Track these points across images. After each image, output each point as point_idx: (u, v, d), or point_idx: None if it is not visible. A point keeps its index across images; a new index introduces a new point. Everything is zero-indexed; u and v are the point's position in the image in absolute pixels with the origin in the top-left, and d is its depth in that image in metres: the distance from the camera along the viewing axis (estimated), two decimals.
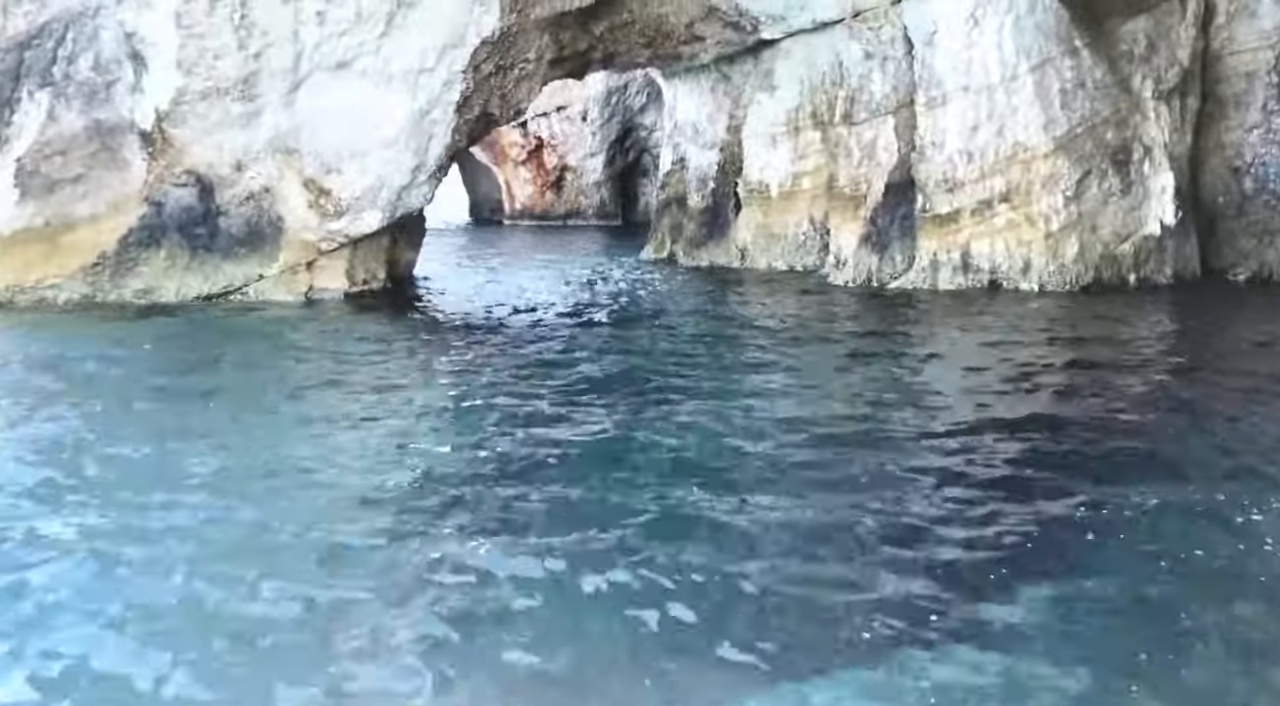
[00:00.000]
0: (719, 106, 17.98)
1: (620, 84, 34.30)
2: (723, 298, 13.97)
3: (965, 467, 5.77)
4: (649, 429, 6.59)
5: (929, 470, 5.71)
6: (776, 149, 16.72)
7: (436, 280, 15.47)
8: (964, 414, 7.10)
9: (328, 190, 11.91)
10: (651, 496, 5.26)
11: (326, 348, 9.61)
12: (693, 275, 16.68)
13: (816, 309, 12.62)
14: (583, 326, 11.04)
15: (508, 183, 36.23)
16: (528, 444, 6.24)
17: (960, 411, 7.19)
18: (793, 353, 9.43)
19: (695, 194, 18.41)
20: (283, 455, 6.05)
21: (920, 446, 6.23)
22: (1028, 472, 5.69)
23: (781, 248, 16.54)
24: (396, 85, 12.22)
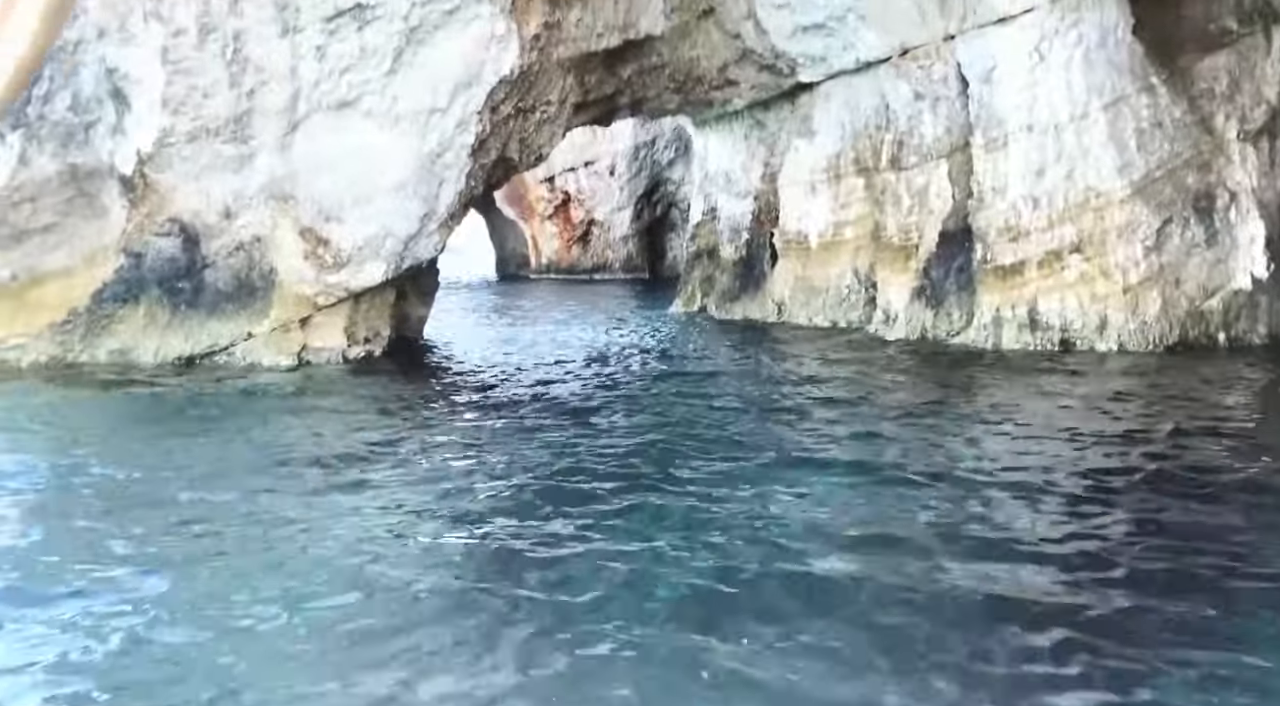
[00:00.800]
0: (752, 154, 16.62)
1: (648, 138, 33.24)
2: (761, 356, 12.42)
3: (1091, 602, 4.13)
4: (675, 537, 5.03)
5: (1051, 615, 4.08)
6: (816, 197, 15.28)
7: (451, 338, 14.07)
8: (1077, 507, 5.47)
9: (326, 240, 10.57)
10: (669, 651, 3.69)
11: (297, 429, 8.14)
12: (726, 330, 15.16)
13: (869, 371, 11.03)
14: (605, 393, 9.54)
15: (534, 237, 35.10)
16: (519, 567, 4.69)
17: (1069, 500, 5.56)
18: (850, 428, 7.84)
19: (728, 245, 16.98)
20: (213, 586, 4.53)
21: (1021, 560, 4.61)
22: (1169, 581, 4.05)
23: (822, 301, 15.00)
24: (405, 126, 10.94)
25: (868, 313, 14.29)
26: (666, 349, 12.98)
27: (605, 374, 10.74)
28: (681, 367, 11.33)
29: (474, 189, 11.88)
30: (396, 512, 5.59)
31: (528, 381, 10.07)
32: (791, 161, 15.72)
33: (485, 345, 13.47)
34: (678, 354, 12.53)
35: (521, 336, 14.82)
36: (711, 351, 12.69)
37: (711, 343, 13.62)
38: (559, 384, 9.97)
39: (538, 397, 9.15)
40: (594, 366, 11.33)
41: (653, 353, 12.53)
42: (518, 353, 12.55)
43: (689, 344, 13.39)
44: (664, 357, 12.11)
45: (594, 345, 13.35)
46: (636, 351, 12.68)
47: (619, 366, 11.36)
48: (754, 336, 14.22)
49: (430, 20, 10.94)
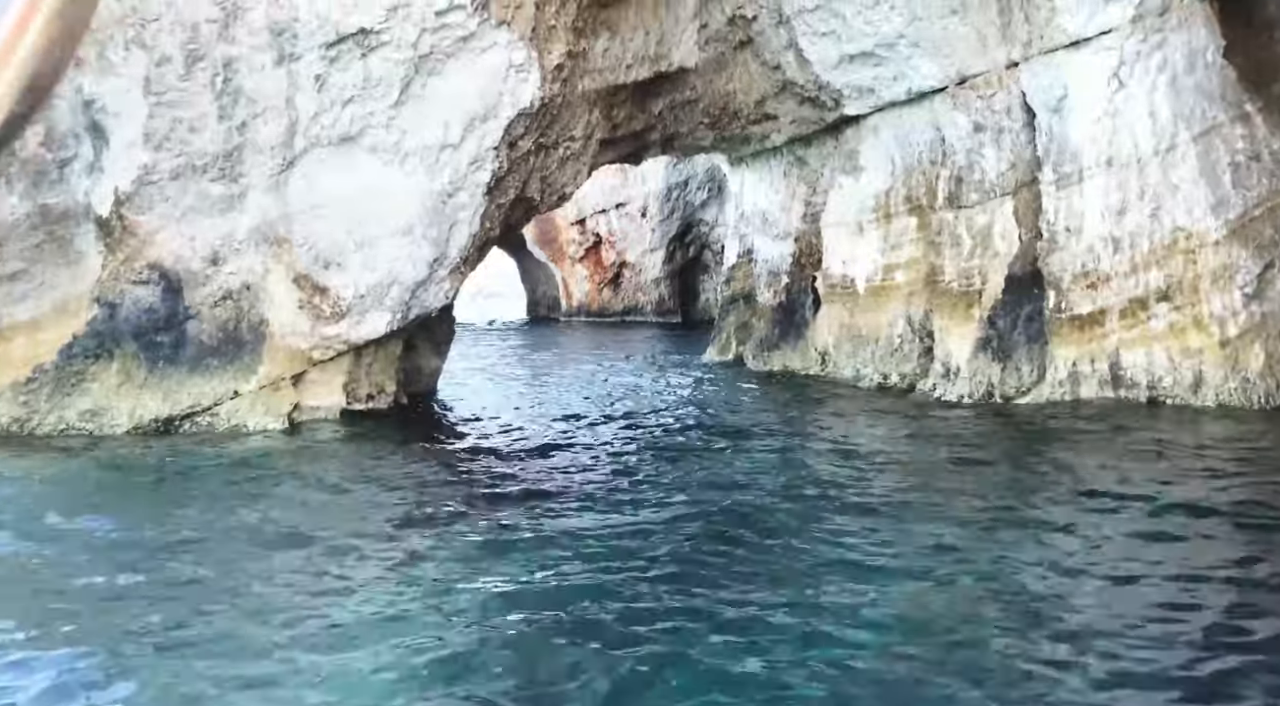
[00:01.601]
0: (793, 193, 15.28)
1: (681, 179, 32.10)
2: (804, 416, 10.95)
3: None
4: (701, 672, 3.60)
5: None
6: (863, 238, 13.87)
7: (468, 392, 12.75)
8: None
9: (324, 288, 9.33)
10: None
11: (276, 512, 6.80)
12: (764, 383, 13.70)
13: (932, 435, 9.54)
14: (629, 460, 8.14)
15: (565, 279, 33.95)
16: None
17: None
18: (911, 530, 6.35)
19: (766, 289, 15.57)
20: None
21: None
22: None
23: (871, 352, 13.52)
24: (413, 164, 9.72)
25: (923, 365, 12.78)
26: (700, 409, 11.53)
27: (631, 441, 9.32)
28: (716, 436, 9.87)
29: (490, 231, 10.61)
30: (386, 646, 4.19)
31: (545, 453, 8.67)
32: (836, 200, 14.34)
33: (503, 401, 12.11)
34: (712, 417, 11.07)
35: (543, 390, 13.48)
36: (748, 412, 11.22)
37: (749, 400, 12.17)
38: (578, 453, 8.57)
39: (553, 474, 7.74)
40: (618, 432, 9.92)
41: (685, 415, 11.10)
42: (537, 412, 11.17)
43: (724, 402, 11.94)
44: (697, 423, 10.67)
45: (620, 403, 11.96)
46: (667, 411, 11.26)
47: (646, 433, 9.94)
48: (795, 393, 12.74)
49: (442, 48, 9.76)
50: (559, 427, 10.04)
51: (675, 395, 12.53)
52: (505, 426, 10.08)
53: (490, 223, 10.55)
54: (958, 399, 11.26)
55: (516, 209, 11.25)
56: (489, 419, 10.64)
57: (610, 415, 10.87)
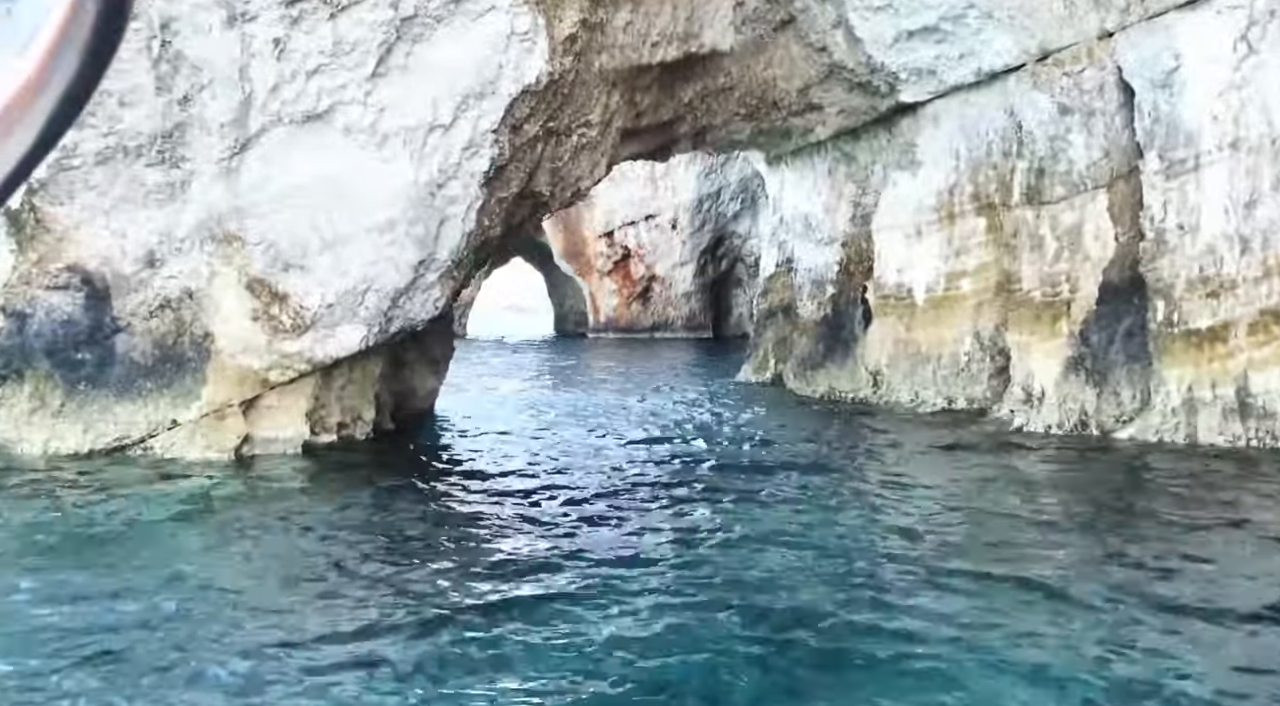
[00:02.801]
0: (839, 192, 13.33)
1: (713, 190, 30.23)
2: (858, 453, 8.98)
3: None
4: None
5: None
6: (922, 242, 11.89)
7: (474, 415, 10.92)
8: None
9: (284, 295, 7.56)
10: None
11: (190, 585, 4.97)
12: (808, 409, 11.73)
13: (1019, 480, 7.53)
14: (650, 521, 6.26)
15: (592, 294, 32.16)
16: None
17: None
18: (1024, 601, 4.37)
19: (808, 301, 13.61)
20: None
21: None
22: None
23: (932, 372, 11.51)
24: (394, 148, 7.93)
25: (995, 388, 10.76)
26: (734, 445, 9.57)
27: (655, 484, 7.41)
28: (754, 481, 7.93)
29: (489, 230, 8.78)
30: None
31: (549, 503, 6.77)
32: (889, 200, 12.38)
33: (512, 427, 10.24)
34: (748, 456, 9.11)
35: (560, 407, 11.62)
36: (790, 447, 9.24)
37: (790, 431, 10.18)
38: (589, 505, 6.67)
39: (557, 541, 5.84)
40: (640, 470, 8.01)
41: (717, 452, 9.15)
42: (545, 445, 9.28)
43: (762, 436, 9.95)
44: (732, 462, 8.73)
45: (643, 430, 10.05)
46: (695, 445, 9.33)
47: (671, 471, 8.02)
48: (845, 420, 10.74)
49: (429, 9, 7.97)
50: (568, 462, 8.15)
51: (705, 425, 10.59)
52: (504, 464, 8.20)
53: (489, 220, 8.73)
54: (1045, 429, 9.23)
55: (522, 205, 9.43)
56: (487, 451, 8.77)
57: (628, 451, 8.97)
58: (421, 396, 10.08)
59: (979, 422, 10.09)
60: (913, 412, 11.08)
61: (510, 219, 9.40)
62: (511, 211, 9.26)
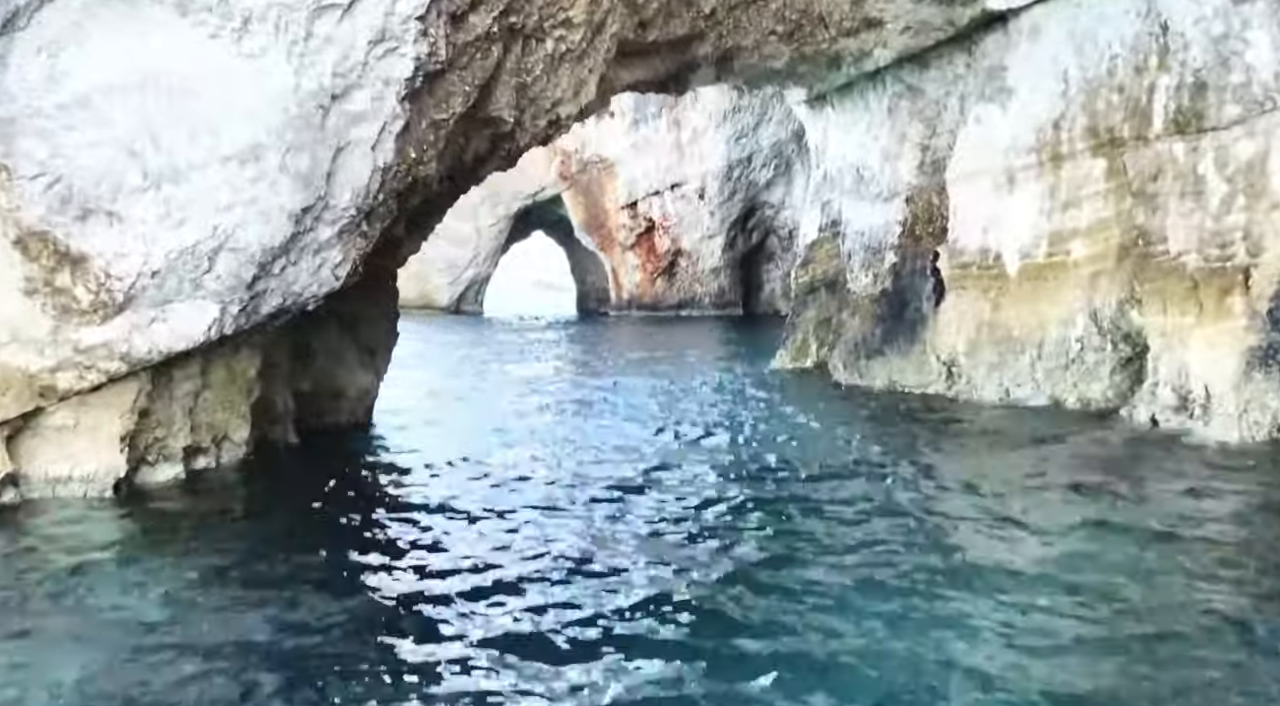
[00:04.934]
0: (902, 135, 10.25)
1: (744, 156, 27.08)
2: (946, 484, 6.01)
3: None
4: None
5: None
6: (1014, 194, 8.82)
7: (436, 422, 8.11)
8: None
9: (79, 257, 4.80)
10: None
11: None
12: (861, 407, 8.77)
13: (1201, 541, 4.61)
14: (641, 606, 3.46)
15: (615, 269, 29.21)
16: None
17: None
18: None
19: (861, 273, 10.58)
20: None
21: None
22: None
23: (1029, 364, 8.48)
24: (261, 37, 5.09)
25: (1119, 385, 7.71)
26: (767, 447, 6.67)
27: (648, 553, 4.54)
28: (800, 513, 5.03)
29: (419, 167, 5.88)
30: None
31: (501, 580, 3.94)
32: (969, 141, 9.31)
33: (476, 441, 7.39)
34: (787, 465, 6.21)
35: (551, 404, 8.80)
36: (839, 463, 6.27)
37: (840, 441, 7.20)
38: (559, 584, 3.85)
39: (508, 645, 3.02)
40: (646, 517, 5.15)
41: (746, 472, 6.20)
42: (517, 467, 6.42)
43: (800, 450, 6.99)
44: (754, 502, 5.79)
45: (653, 449, 7.15)
46: (722, 462, 6.43)
47: (686, 510, 5.16)
48: (911, 426, 7.75)
49: None
50: (545, 498, 5.34)
51: (733, 431, 7.69)
52: (453, 503, 5.37)
53: (419, 153, 5.83)
54: (1218, 444, 6.22)
55: (475, 136, 6.51)
56: (436, 480, 5.95)
57: (634, 466, 6.13)
58: (350, 399, 7.28)
59: (1103, 430, 7.09)
60: (1011, 416, 8.10)
61: (459, 155, 6.49)
62: (458, 144, 6.36)
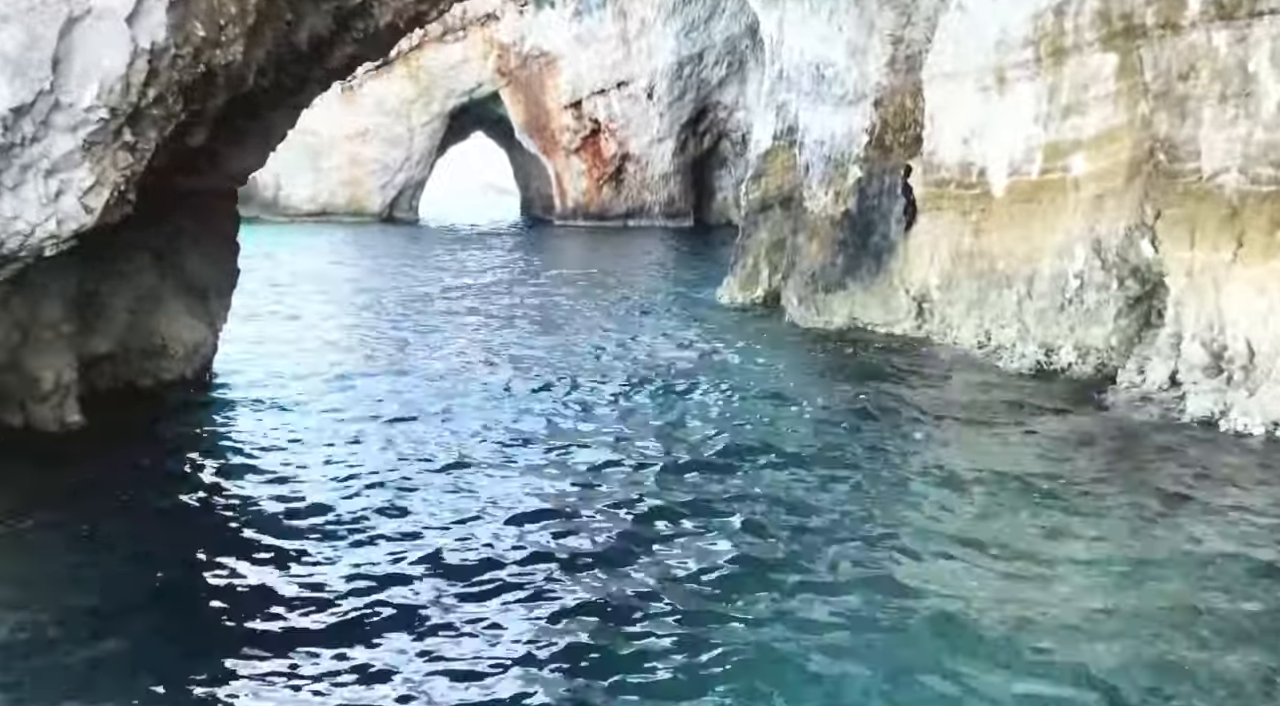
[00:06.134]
0: (870, 25, 8.49)
1: (695, 51, 24.81)
2: (922, 507, 4.62)
3: None
4: None
5: None
6: (1004, 97, 7.22)
7: (292, 381, 6.48)
8: None
9: None
10: None
11: None
12: (817, 353, 7.36)
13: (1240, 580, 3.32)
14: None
15: (558, 175, 27.07)
16: None
17: None
18: None
19: (821, 189, 8.98)
20: None
21: None
22: None
23: (1016, 303, 7.07)
24: None
25: (1126, 332, 6.34)
26: (682, 445, 5.21)
27: (543, 546, 3.12)
28: (716, 520, 3.62)
29: (216, 51, 4.12)
30: None
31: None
32: (952, 31, 7.63)
33: (358, 400, 5.83)
34: (729, 435, 4.78)
35: (443, 366, 7.20)
36: (772, 457, 4.83)
37: (794, 400, 5.81)
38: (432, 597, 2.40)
39: None
40: (542, 510, 3.69)
41: (660, 463, 4.77)
42: (398, 437, 4.91)
43: (753, 398, 5.59)
44: (689, 487, 4.35)
45: (566, 409, 5.64)
46: (638, 440, 4.97)
47: (597, 498, 3.72)
48: (871, 389, 6.32)
49: None
50: (418, 492, 3.88)
51: (666, 383, 6.21)
52: (298, 499, 3.87)
53: (214, 30, 4.05)
54: (1265, 430, 4.90)
55: (307, 8, 4.69)
56: (297, 454, 4.45)
57: (519, 450, 4.67)
58: (174, 358, 5.62)
59: (1100, 392, 5.76)
60: (984, 365, 6.74)
61: (286, 36, 4.66)
62: (281, 20, 4.53)
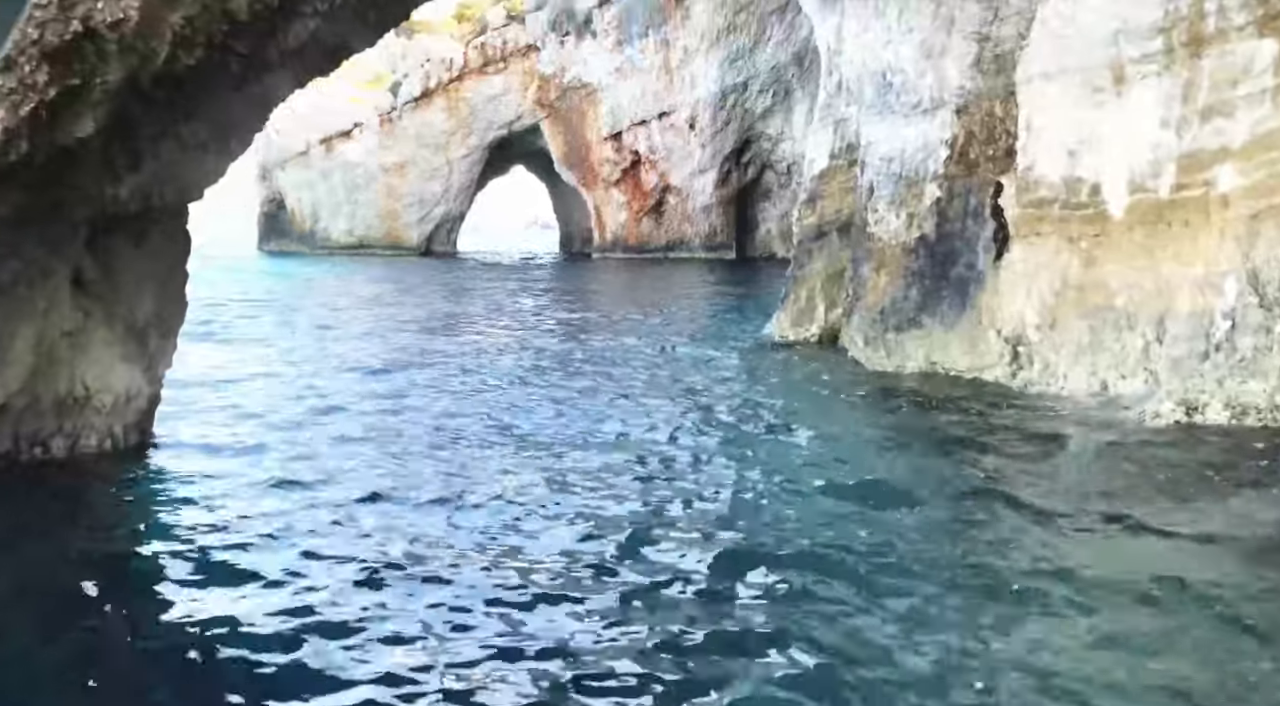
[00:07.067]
0: (948, 21, 7.21)
1: (739, 81, 23.69)
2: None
3: None
4: None
5: None
6: (1123, 99, 5.88)
7: (252, 447, 5.30)
8: None
9: None
10: None
11: None
12: (892, 406, 6.00)
13: None
14: None
15: (598, 208, 26.06)
16: None
17: None
18: None
19: (889, 211, 7.65)
20: None
21: None
22: None
23: (1143, 346, 5.65)
24: None
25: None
26: (748, 512, 3.89)
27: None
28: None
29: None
30: None
31: None
32: (1053, 24, 6.31)
33: (323, 468, 4.63)
34: (774, 561, 3.43)
35: (438, 412, 5.93)
36: (861, 537, 3.51)
37: (860, 478, 4.45)
38: None
39: None
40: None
41: (710, 534, 3.45)
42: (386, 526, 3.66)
43: (801, 483, 4.24)
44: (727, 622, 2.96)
45: (578, 484, 4.37)
46: (666, 521, 3.68)
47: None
48: (970, 446, 4.95)
49: None
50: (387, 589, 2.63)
51: (689, 469, 4.89)
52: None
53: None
54: None
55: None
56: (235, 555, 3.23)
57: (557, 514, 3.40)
58: (102, 411, 4.45)
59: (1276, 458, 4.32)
60: (1106, 423, 5.31)
61: (214, 2, 3.51)
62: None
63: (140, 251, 4.56)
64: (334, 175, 25.58)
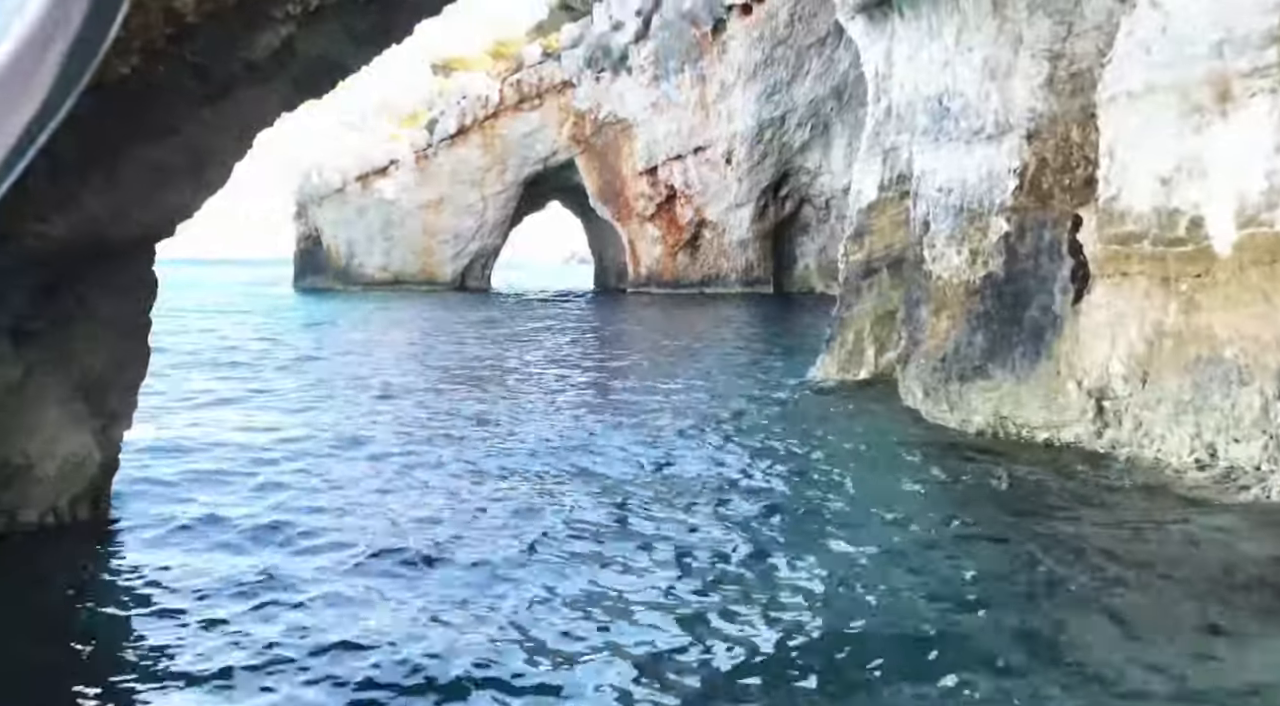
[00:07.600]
0: (1015, 39, 6.47)
1: (776, 115, 23.11)
2: None
3: None
4: None
5: None
6: (1228, 119, 5.08)
7: (219, 519, 4.66)
8: None
9: None
10: None
11: None
12: (955, 470, 5.17)
13: None
14: None
15: (632, 242, 25.52)
16: None
17: None
18: None
19: (950, 248, 6.86)
20: None
21: None
22: None
23: (1261, 405, 4.82)
24: None
25: None
26: (782, 616, 3.11)
27: None
28: None
29: None
30: None
31: None
32: (1139, 38, 5.53)
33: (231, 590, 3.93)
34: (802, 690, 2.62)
35: (435, 474, 5.24)
36: (925, 662, 2.73)
37: (916, 568, 3.64)
38: None
39: None
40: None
41: (741, 642, 2.66)
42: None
43: (850, 573, 3.43)
44: None
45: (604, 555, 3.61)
46: (703, 629, 2.90)
47: None
48: (1052, 526, 4.14)
49: None
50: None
51: (726, 553, 4.11)
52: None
53: None
54: None
55: None
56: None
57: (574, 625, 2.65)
58: (44, 481, 3.81)
59: None
60: (1215, 503, 4.43)
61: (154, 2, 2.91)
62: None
63: (97, 295, 3.94)
64: (370, 211, 25.39)
